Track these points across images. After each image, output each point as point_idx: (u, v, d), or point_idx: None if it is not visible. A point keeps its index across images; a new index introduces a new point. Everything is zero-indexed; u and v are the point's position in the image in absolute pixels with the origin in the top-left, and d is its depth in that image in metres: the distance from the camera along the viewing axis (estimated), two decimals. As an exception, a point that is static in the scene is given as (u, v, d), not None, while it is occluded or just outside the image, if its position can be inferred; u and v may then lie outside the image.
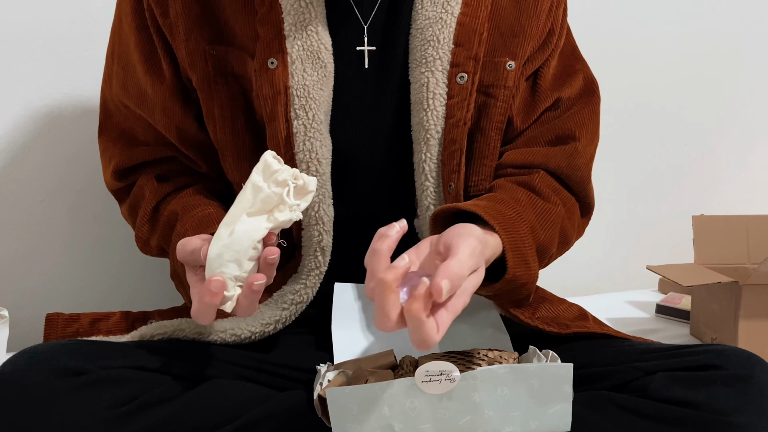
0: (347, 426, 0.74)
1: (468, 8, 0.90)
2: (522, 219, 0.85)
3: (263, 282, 0.73)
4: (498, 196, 0.88)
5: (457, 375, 0.74)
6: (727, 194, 1.84)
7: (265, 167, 0.73)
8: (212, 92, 0.91)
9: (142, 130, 0.98)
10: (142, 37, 0.93)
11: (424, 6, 0.90)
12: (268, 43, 0.87)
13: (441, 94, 0.89)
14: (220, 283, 0.71)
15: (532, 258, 0.83)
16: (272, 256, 0.73)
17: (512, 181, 0.94)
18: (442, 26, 0.89)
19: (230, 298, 0.73)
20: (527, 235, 0.84)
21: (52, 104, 1.25)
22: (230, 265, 0.72)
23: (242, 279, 0.73)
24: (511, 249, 0.81)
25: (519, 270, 0.81)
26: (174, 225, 0.91)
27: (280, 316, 0.92)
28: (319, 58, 0.88)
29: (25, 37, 1.22)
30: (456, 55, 0.89)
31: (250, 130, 0.92)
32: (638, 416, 0.78)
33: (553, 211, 0.92)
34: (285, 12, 0.87)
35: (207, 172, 0.99)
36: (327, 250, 0.92)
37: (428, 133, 0.90)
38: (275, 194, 0.73)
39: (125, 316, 0.98)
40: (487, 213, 0.81)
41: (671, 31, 1.70)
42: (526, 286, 0.83)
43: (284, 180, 0.73)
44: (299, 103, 0.87)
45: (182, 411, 0.77)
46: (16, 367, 0.74)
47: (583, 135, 0.98)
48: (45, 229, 1.27)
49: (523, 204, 0.89)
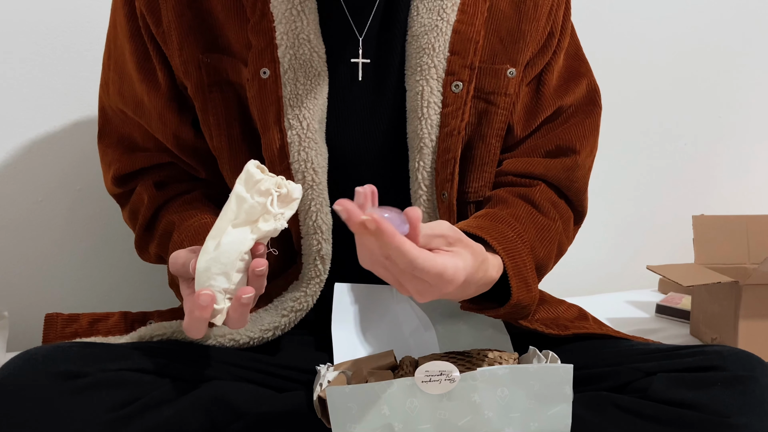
0: (347, 425, 0.74)
1: (464, 15, 0.89)
2: (522, 239, 0.86)
3: (252, 295, 0.72)
4: (498, 214, 0.89)
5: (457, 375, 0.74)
6: (727, 194, 1.84)
7: (248, 177, 0.73)
8: (207, 100, 0.91)
9: (141, 135, 0.98)
10: (137, 45, 0.92)
11: (420, 13, 0.89)
12: (260, 52, 0.86)
13: (436, 103, 0.88)
14: (209, 297, 0.71)
15: (532, 280, 0.85)
16: (260, 268, 0.72)
17: (513, 193, 0.95)
18: (438, 34, 0.88)
19: (220, 311, 0.72)
20: (528, 256, 0.86)
21: (52, 104, 1.25)
22: (218, 278, 0.72)
23: (231, 291, 0.72)
24: (514, 275, 0.82)
25: (522, 294, 0.83)
26: (171, 234, 0.91)
27: (279, 322, 0.91)
28: (312, 66, 0.87)
29: (25, 37, 1.22)
30: (451, 64, 0.88)
31: (246, 137, 0.92)
32: (638, 417, 0.78)
33: (552, 228, 0.93)
34: (277, 21, 0.86)
35: (207, 178, 0.98)
36: (327, 259, 0.91)
37: (422, 142, 0.89)
38: (259, 204, 0.72)
39: (124, 316, 0.97)
40: (491, 236, 0.83)
41: (671, 31, 1.70)
42: (528, 307, 0.86)
43: (267, 189, 0.72)
44: (292, 113, 0.86)
45: (182, 413, 0.77)
46: (14, 370, 0.74)
47: (583, 148, 0.98)
48: (45, 229, 1.27)
49: (523, 221, 0.90)
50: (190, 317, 0.72)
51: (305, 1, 0.86)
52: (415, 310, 0.95)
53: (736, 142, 1.82)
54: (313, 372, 0.88)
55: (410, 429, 0.74)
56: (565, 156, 0.97)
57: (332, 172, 0.91)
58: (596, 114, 1.00)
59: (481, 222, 0.87)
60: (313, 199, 0.89)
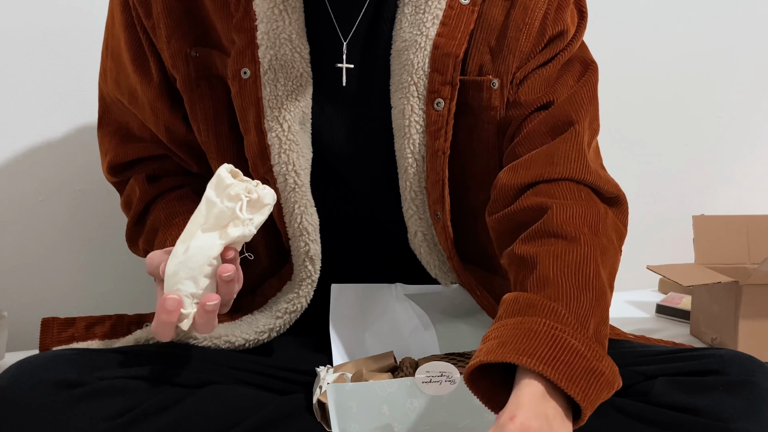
0: (347, 424, 0.74)
1: (445, 28, 0.84)
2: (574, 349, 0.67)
3: (216, 303, 0.72)
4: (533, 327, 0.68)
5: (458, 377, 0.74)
6: (727, 194, 1.83)
7: (219, 182, 0.72)
8: (194, 95, 0.90)
9: (137, 126, 0.97)
10: (131, 36, 0.91)
11: (402, 27, 0.85)
12: (241, 51, 0.84)
13: (418, 122, 0.85)
14: (175, 302, 0.71)
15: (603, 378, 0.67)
16: (226, 273, 0.72)
17: (531, 242, 0.80)
18: (417, 50, 0.84)
19: (187, 315, 0.73)
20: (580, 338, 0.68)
21: (52, 104, 1.24)
22: (186, 282, 0.72)
23: (199, 296, 0.73)
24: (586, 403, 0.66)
25: (598, 400, 0.67)
26: (157, 231, 0.91)
27: (274, 324, 0.91)
28: (294, 67, 0.84)
29: (24, 37, 1.21)
30: (432, 81, 0.84)
31: (234, 135, 0.90)
32: (639, 421, 0.77)
33: (587, 269, 0.75)
34: (259, 19, 0.83)
35: (199, 172, 0.97)
36: (316, 260, 0.90)
37: (407, 162, 0.87)
38: (228, 209, 0.72)
39: (120, 319, 0.97)
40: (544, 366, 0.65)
41: (670, 31, 1.70)
42: (616, 381, 0.69)
43: (237, 194, 0.72)
44: (272, 114, 0.84)
45: (181, 419, 0.77)
46: (11, 379, 0.74)
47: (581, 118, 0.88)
48: (45, 229, 1.27)
49: (560, 286, 0.73)
50: (157, 320, 0.72)
51: (288, 0, 0.84)
52: (415, 310, 0.95)
53: (736, 142, 1.82)
54: (313, 373, 0.88)
55: (409, 430, 0.74)
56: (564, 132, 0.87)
57: (319, 174, 0.90)
58: (591, 79, 0.91)
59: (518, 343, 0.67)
60: (297, 201, 0.87)
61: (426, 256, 0.92)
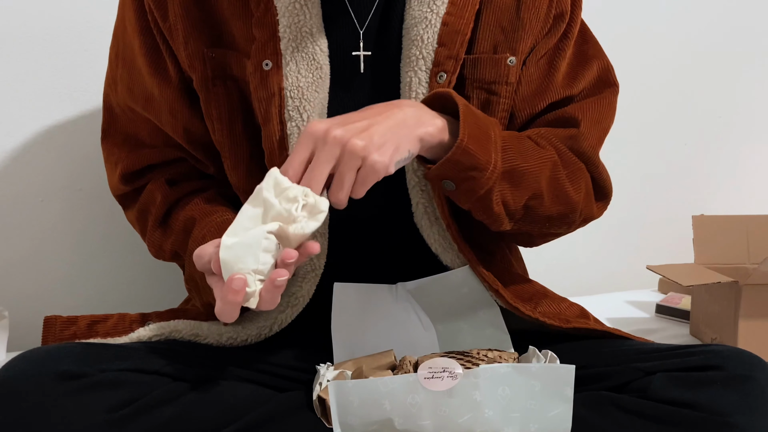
0: (348, 419, 0.74)
1: (454, 7, 0.89)
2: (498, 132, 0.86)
3: (286, 278, 0.72)
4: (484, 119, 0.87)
5: (460, 372, 0.74)
6: (727, 194, 1.84)
7: (276, 184, 0.74)
8: (210, 95, 0.92)
9: (149, 133, 0.99)
10: (147, 40, 0.94)
11: (412, 6, 0.90)
12: (263, 44, 0.88)
13: (423, 93, 0.89)
14: (241, 281, 0.71)
15: (490, 143, 0.83)
16: (290, 260, 0.73)
17: None
18: (427, 26, 0.89)
19: (252, 294, 0.73)
20: (496, 128, 0.86)
21: (52, 104, 1.25)
22: (247, 259, 0.72)
23: (261, 272, 0.73)
24: (465, 118, 0.81)
25: (472, 143, 0.81)
26: (191, 230, 0.91)
27: (276, 318, 0.91)
28: (314, 59, 0.88)
29: (24, 37, 1.22)
30: (438, 55, 0.89)
31: (248, 133, 0.92)
32: (638, 417, 0.78)
33: (544, 154, 0.90)
34: (280, 14, 0.87)
35: (216, 175, 0.99)
36: (323, 253, 0.91)
37: None
38: (285, 210, 0.73)
39: (122, 318, 0.97)
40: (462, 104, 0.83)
41: (670, 31, 1.70)
42: (478, 169, 0.82)
43: (295, 196, 0.74)
44: (293, 104, 0.87)
45: (182, 413, 0.77)
46: (14, 371, 0.74)
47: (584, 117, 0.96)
48: (45, 229, 1.27)
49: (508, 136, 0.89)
50: (222, 302, 0.72)
51: None
52: (415, 310, 0.95)
53: (736, 142, 1.83)
54: (313, 371, 0.88)
55: (410, 424, 0.74)
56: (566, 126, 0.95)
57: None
58: (610, 93, 0.99)
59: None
60: None
61: (427, 229, 0.93)
